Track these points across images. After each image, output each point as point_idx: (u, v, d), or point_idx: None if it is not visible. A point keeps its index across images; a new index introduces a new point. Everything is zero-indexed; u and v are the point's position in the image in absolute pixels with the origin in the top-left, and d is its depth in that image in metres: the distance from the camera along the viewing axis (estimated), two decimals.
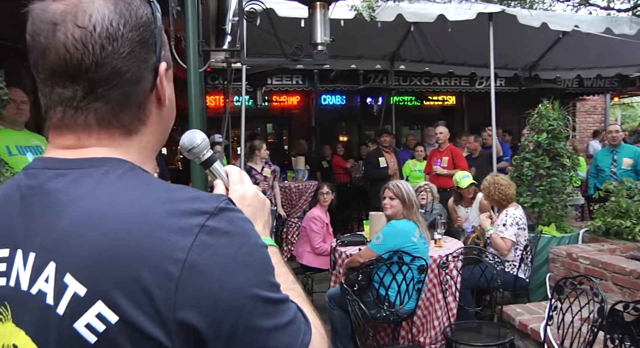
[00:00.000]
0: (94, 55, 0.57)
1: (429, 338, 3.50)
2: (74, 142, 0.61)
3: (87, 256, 0.53)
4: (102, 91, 0.59)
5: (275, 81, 8.15)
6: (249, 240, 0.58)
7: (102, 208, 0.55)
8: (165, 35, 0.68)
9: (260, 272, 0.58)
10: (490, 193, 3.83)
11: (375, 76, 8.41)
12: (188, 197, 0.57)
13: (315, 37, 2.79)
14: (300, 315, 0.63)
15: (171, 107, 0.69)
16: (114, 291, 0.51)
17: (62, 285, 0.53)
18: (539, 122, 4.19)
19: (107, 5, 0.59)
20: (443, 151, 5.83)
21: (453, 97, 10.52)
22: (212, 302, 0.53)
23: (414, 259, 3.03)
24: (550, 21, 5.67)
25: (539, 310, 3.12)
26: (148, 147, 0.66)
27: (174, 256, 0.52)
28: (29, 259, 0.56)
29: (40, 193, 0.58)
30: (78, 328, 0.52)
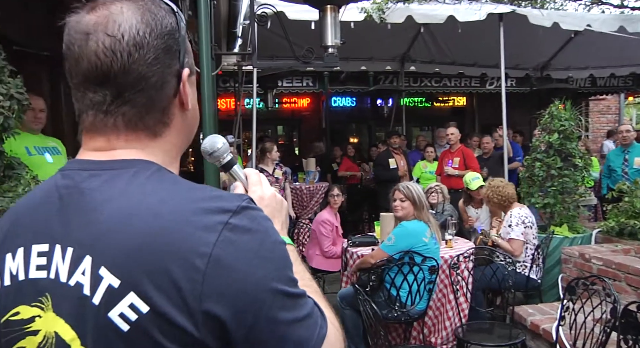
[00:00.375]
0: (121, 61, 0.61)
1: (440, 338, 3.51)
2: (104, 144, 0.65)
3: (120, 251, 0.57)
4: (129, 95, 0.63)
5: (285, 83, 8.21)
6: (270, 237, 0.61)
7: (133, 207, 0.59)
8: (188, 44, 0.72)
9: (280, 267, 0.61)
10: (489, 198, 3.85)
11: (386, 77, 8.43)
12: (212, 196, 0.62)
13: (326, 40, 2.82)
14: (317, 309, 0.65)
15: (194, 111, 0.73)
16: (145, 283, 0.55)
17: (97, 277, 0.57)
18: (550, 123, 4.17)
19: (135, 16, 0.63)
20: (454, 152, 5.82)
21: (464, 98, 10.49)
22: (236, 294, 0.56)
23: (425, 259, 3.04)
24: (561, 21, 5.65)
25: (551, 311, 3.11)
26: (172, 149, 0.70)
27: (200, 251, 0.56)
28: (67, 253, 0.60)
29: (76, 192, 0.63)
30: (112, 317, 0.56)
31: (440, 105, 10.58)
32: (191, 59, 0.72)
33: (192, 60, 0.73)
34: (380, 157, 6.57)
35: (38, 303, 0.62)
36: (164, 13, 0.65)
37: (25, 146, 2.61)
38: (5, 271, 0.64)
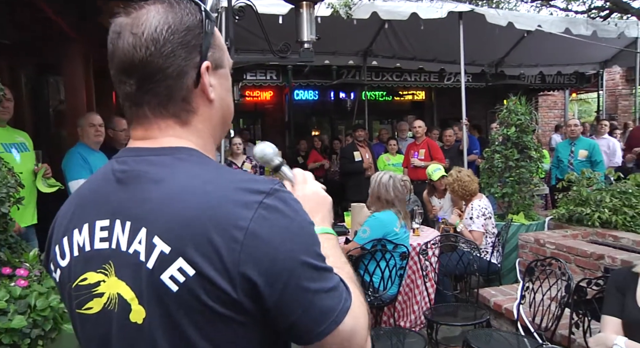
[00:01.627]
0: (141, 55, 0.70)
1: (409, 322, 3.70)
2: (143, 133, 0.75)
3: (171, 222, 0.66)
4: (149, 85, 0.72)
5: (249, 76, 8.18)
6: (299, 216, 0.69)
7: (182, 186, 0.68)
8: (220, 41, 0.80)
9: (308, 243, 0.69)
10: (454, 189, 4.04)
11: (348, 71, 8.56)
12: (249, 179, 0.70)
13: (302, 35, 2.89)
14: (342, 285, 0.73)
15: (222, 102, 0.80)
16: (192, 250, 0.63)
17: (151, 245, 0.66)
18: (508, 117, 4.43)
19: (157, 16, 0.71)
20: (420, 144, 6.04)
21: (423, 93, 10.82)
22: (269, 263, 0.64)
23: (397, 247, 3.20)
24: (515, 21, 5.97)
25: (512, 292, 3.36)
26: (204, 135, 0.78)
27: (239, 225, 0.64)
28: (126, 226, 0.69)
29: (133, 175, 0.72)
30: (164, 279, 0.65)
31: (401, 99, 10.86)
32: (222, 54, 0.79)
33: (223, 55, 0.79)
34: (345, 150, 6.71)
35: (102, 270, 0.71)
36: (187, 12, 0.73)
37: None
38: (74, 244, 0.74)
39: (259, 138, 10.91)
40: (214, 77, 0.77)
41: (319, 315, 0.67)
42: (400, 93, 10.71)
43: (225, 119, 0.83)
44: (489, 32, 6.18)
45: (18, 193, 2.14)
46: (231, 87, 0.84)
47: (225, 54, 0.80)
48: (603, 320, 2.07)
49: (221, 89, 0.79)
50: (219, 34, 0.80)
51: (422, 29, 5.99)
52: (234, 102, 0.81)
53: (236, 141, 5.48)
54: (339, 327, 0.69)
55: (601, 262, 3.42)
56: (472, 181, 4.03)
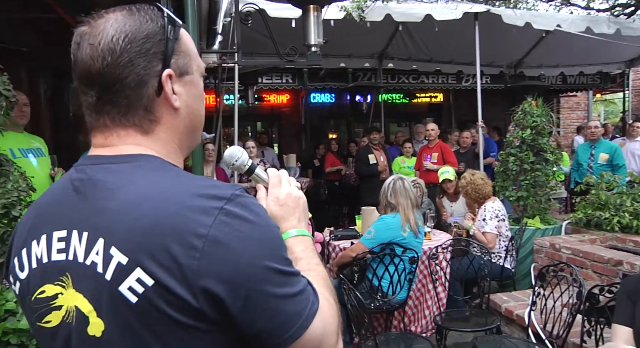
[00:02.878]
0: (97, 66, 0.69)
1: (420, 327, 3.65)
2: (102, 141, 0.73)
3: (128, 232, 0.64)
4: (108, 95, 0.71)
5: (265, 80, 8.23)
6: (262, 221, 0.68)
7: (140, 195, 0.66)
8: (187, 47, 0.76)
9: (272, 247, 0.67)
10: (467, 192, 3.98)
11: (364, 74, 8.54)
12: (209, 185, 0.68)
13: (309, 38, 2.90)
14: (310, 288, 0.71)
15: (189, 110, 0.77)
16: (150, 260, 0.62)
17: (109, 256, 0.65)
18: (523, 119, 4.35)
19: (115, 25, 0.70)
20: (432, 147, 5.97)
21: (440, 95, 10.70)
22: (230, 270, 0.63)
23: (405, 251, 3.16)
24: (533, 21, 5.86)
25: (524, 298, 3.28)
26: (168, 144, 0.75)
27: (197, 232, 0.63)
28: (83, 237, 0.68)
29: (90, 184, 0.71)
30: (122, 290, 0.63)
31: (418, 101, 10.76)
32: (189, 59, 0.76)
33: (190, 61, 0.77)
34: (360, 153, 6.69)
35: (60, 282, 0.70)
36: (146, 18, 0.71)
37: (10, 148, 2.61)
38: (32, 255, 0.73)
39: (276, 141, 10.97)
40: (179, 85, 0.75)
41: (286, 320, 0.66)
42: (418, 95, 10.62)
43: (194, 127, 0.80)
44: (507, 32, 6.08)
45: (30, 196, 2.19)
46: (202, 94, 0.81)
47: (193, 60, 0.78)
48: (613, 328, 2.01)
49: (188, 97, 0.76)
50: (186, 39, 0.77)
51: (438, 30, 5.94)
52: (248, 105, 0.80)
53: (249, 145, 5.52)
54: (308, 331, 0.68)
55: (619, 268, 3.31)
56: (486, 184, 3.96)
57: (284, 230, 0.89)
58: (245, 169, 0.95)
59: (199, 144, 0.87)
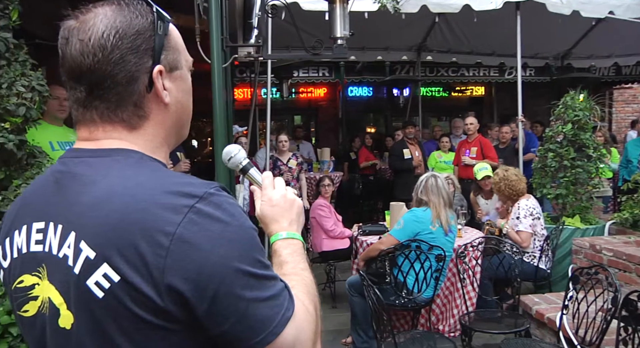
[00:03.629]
0: (88, 62, 0.69)
1: (448, 326, 3.57)
2: (87, 134, 0.74)
3: (97, 227, 0.64)
4: (98, 91, 0.70)
5: (301, 73, 8.26)
6: (235, 221, 0.66)
7: (112, 189, 0.66)
8: (176, 42, 0.77)
9: (244, 249, 0.66)
10: (500, 188, 3.83)
11: (402, 67, 8.39)
12: (183, 182, 0.67)
13: (335, 31, 2.87)
14: (285, 293, 0.70)
15: (178, 106, 0.77)
16: (117, 256, 0.62)
17: (78, 249, 0.65)
18: (564, 113, 4.13)
19: (105, 20, 0.69)
20: (471, 142, 5.80)
21: (482, 88, 10.36)
22: (197, 270, 0.62)
23: (432, 248, 3.09)
24: (582, 8, 5.53)
25: (557, 300, 3.13)
26: (154, 140, 0.75)
27: (165, 230, 0.62)
28: (58, 229, 0.69)
29: (69, 176, 0.71)
30: (89, 284, 0.64)
31: (458, 95, 10.47)
32: (178, 55, 0.77)
33: (179, 57, 0.77)
34: (394, 147, 6.59)
35: (37, 273, 0.71)
36: (136, 14, 0.71)
37: (49, 140, 2.74)
38: (14, 245, 0.74)
39: (313, 135, 10.99)
40: (169, 80, 0.75)
41: (255, 325, 0.65)
42: (458, 89, 10.33)
43: (182, 122, 0.80)
44: (552, 22, 5.77)
45: None
46: (190, 89, 0.81)
47: (182, 55, 0.78)
48: None
49: (177, 92, 0.77)
50: (175, 34, 0.77)
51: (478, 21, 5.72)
52: (283, 99, 0.79)
53: (282, 139, 5.55)
54: (279, 338, 0.66)
55: None
56: (520, 181, 3.80)
57: (274, 231, 0.89)
58: (240, 168, 0.96)
59: (185, 138, 0.87)
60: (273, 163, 5.42)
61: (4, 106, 2.08)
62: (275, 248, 0.87)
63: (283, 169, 5.45)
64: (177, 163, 3.75)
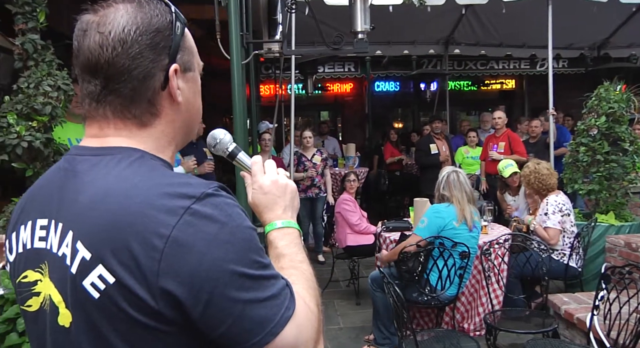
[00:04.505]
0: (107, 55, 0.69)
1: (473, 324, 3.50)
2: (97, 131, 0.73)
3: (93, 227, 0.64)
4: (114, 86, 0.70)
5: (327, 69, 8.22)
6: (232, 222, 0.65)
7: (109, 189, 0.66)
8: (190, 44, 0.78)
9: (241, 250, 0.64)
10: (530, 181, 3.69)
11: (429, 61, 8.25)
12: (180, 182, 0.66)
13: (356, 25, 2.83)
14: (287, 291, 0.68)
15: (189, 106, 0.78)
16: (111, 258, 0.62)
17: (75, 249, 0.65)
18: (598, 106, 3.96)
19: (125, 15, 0.70)
20: (499, 136, 5.64)
21: (512, 81, 10.06)
22: (192, 273, 0.61)
23: (456, 245, 3.03)
24: None
25: (588, 300, 3.00)
26: (163, 138, 0.75)
27: (159, 232, 0.61)
28: (58, 228, 0.69)
29: (71, 174, 0.71)
30: (85, 285, 0.64)
31: (488, 89, 10.21)
32: (192, 57, 0.78)
33: (192, 59, 0.78)
34: (421, 142, 6.49)
35: (39, 269, 0.72)
36: (156, 12, 0.71)
37: (68, 137, 2.83)
38: (20, 240, 0.75)
39: (340, 130, 10.96)
40: (182, 80, 0.75)
41: (253, 326, 0.64)
42: (487, 82, 10.07)
43: (191, 123, 0.80)
44: (586, 10, 5.54)
45: None
46: (200, 91, 0.81)
47: (194, 57, 0.79)
48: None
49: (189, 92, 0.77)
50: (189, 37, 0.78)
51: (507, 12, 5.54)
52: (308, 95, 0.78)
53: (306, 135, 5.54)
54: (278, 338, 0.65)
55: None
56: (551, 176, 3.67)
57: (268, 220, 0.86)
58: (227, 153, 0.92)
59: (192, 139, 0.87)
60: (297, 159, 5.43)
61: (31, 105, 2.16)
62: (270, 239, 0.85)
63: (307, 165, 5.45)
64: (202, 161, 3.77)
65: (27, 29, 2.44)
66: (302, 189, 5.43)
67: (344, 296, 4.52)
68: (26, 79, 2.33)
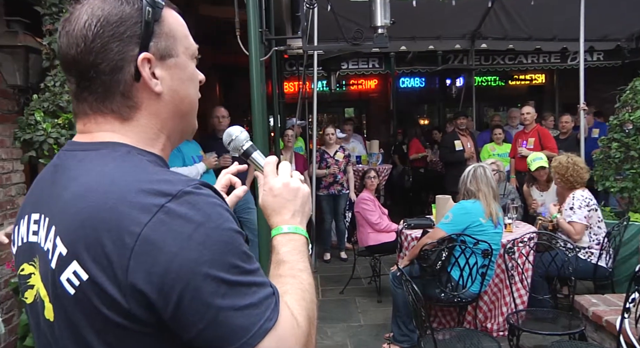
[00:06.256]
0: (73, 53, 0.68)
1: (497, 324, 3.42)
2: (82, 127, 0.73)
3: (70, 223, 0.64)
4: (84, 83, 0.70)
5: (351, 65, 8.16)
6: (210, 223, 0.62)
7: (89, 186, 0.65)
8: (172, 28, 0.73)
9: (217, 253, 0.61)
10: (567, 172, 3.54)
11: (455, 56, 8.09)
12: (160, 179, 0.64)
13: (375, 20, 2.80)
14: (271, 301, 0.64)
15: (175, 94, 0.74)
16: (85, 254, 0.61)
17: (55, 245, 0.65)
18: (632, 99, 3.79)
19: (89, 9, 0.68)
20: (529, 132, 5.49)
21: (542, 76, 9.77)
22: (161, 273, 0.59)
23: (478, 243, 2.96)
24: None
25: (618, 302, 2.89)
26: (148, 131, 0.73)
27: (130, 230, 0.59)
28: (45, 222, 0.69)
29: (60, 170, 0.71)
30: (62, 280, 0.64)
31: (516, 84, 9.95)
32: (172, 42, 0.73)
33: (174, 43, 0.73)
34: (445, 139, 6.38)
35: (33, 263, 0.72)
36: (122, 1, 0.69)
37: None
38: (20, 234, 0.76)
39: (365, 127, 10.90)
40: (162, 69, 0.72)
41: (226, 334, 0.61)
42: (516, 77, 9.80)
43: (182, 112, 0.76)
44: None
45: None
46: (192, 77, 0.77)
47: (179, 42, 0.74)
48: None
49: (173, 81, 0.73)
50: (172, 20, 0.74)
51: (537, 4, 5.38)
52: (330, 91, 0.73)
53: (329, 131, 5.54)
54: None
55: None
56: (587, 171, 3.57)
57: (275, 224, 0.83)
58: (242, 151, 0.91)
59: (195, 128, 0.85)
60: (320, 156, 5.43)
61: (57, 102, 2.22)
62: (274, 243, 0.81)
63: (330, 161, 5.44)
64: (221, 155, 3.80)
65: (54, 29, 2.51)
66: (324, 186, 5.43)
67: (365, 294, 4.49)
68: (52, 78, 2.40)
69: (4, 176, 2.79)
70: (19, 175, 2.92)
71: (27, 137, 2.34)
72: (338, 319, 3.90)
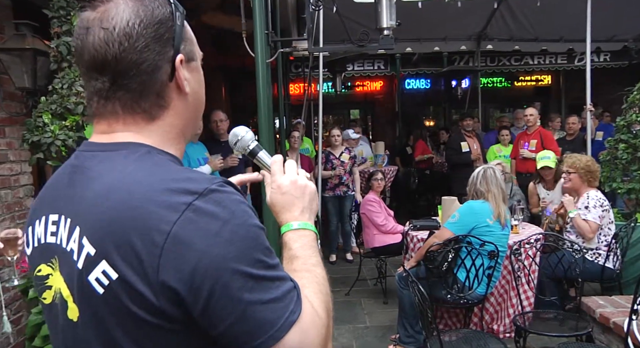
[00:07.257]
0: (114, 51, 0.68)
1: (503, 326, 3.40)
2: (106, 127, 0.73)
3: (96, 223, 0.65)
4: (123, 81, 0.70)
5: (356, 67, 8.17)
6: (236, 219, 0.64)
7: (113, 185, 0.66)
8: (190, 34, 0.78)
9: (244, 248, 0.63)
10: (586, 167, 3.51)
11: (461, 57, 8.07)
12: (183, 178, 0.66)
13: (381, 21, 2.80)
14: (293, 294, 0.66)
15: (196, 95, 0.78)
16: (114, 254, 0.62)
17: (81, 245, 0.66)
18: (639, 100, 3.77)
19: (127, 9, 0.69)
20: (531, 134, 5.48)
21: (548, 77, 9.73)
22: (191, 270, 0.60)
23: (484, 244, 2.95)
24: None
25: (626, 304, 2.87)
26: (172, 130, 0.75)
27: (160, 228, 0.61)
28: (67, 223, 0.70)
29: (79, 170, 0.72)
30: (90, 280, 0.64)
31: (522, 85, 9.91)
32: (193, 46, 0.77)
33: (194, 48, 0.78)
34: (451, 140, 6.37)
35: (51, 264, 0.74)
36: (157, 4, 0.71)
37: None
38: (35, 234, 0.77)
39: (370, 129, 10.90)
40: (187, 71, 0.75)
41: (254, 328, 0.62)
42: (522, 78, 9.77)
43: (198, 113, 0.80)
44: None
45: None
46: (203, 80, 0.81)
47: (195, 47, 0.78)
48: None
49: (194, 82, 0.77)
50: (188, 26, 0.77)
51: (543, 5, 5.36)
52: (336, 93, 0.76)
53: (334, 133, 5.54)
54: (280, 343, 0.63)
55: None
56: (598, 169, 3.56)
57: (284, 221, 0.85)
58: (248, 151, 0.92)
59: (201, 129, 0.87)
60: (325, 157, 5.43)
61: (65, 105, 2.25)
62: (285, 240, 0.83)
63: (335, 163, 5.44)
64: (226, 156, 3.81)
65: (61, 32, 2.54)
66: (330, 187, 5.43)
67: (371, 295, 4.49)
68: (60, 80, 2.43)
69: (13, 177, 2.82)
70: (27, 177, 2.95)
71: (35, 139, 2.37)
72: (344, 321, 3.90)
